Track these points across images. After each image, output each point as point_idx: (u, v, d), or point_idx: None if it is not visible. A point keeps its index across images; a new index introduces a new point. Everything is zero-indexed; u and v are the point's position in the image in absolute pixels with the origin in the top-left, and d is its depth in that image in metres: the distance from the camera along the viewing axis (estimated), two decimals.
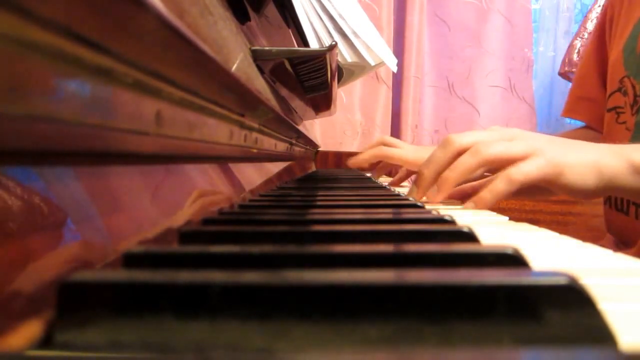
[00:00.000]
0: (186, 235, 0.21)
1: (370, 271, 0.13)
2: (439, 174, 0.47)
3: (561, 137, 0.52)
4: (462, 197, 0.52)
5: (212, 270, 0.13)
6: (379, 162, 0.88)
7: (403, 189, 0.70)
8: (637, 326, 0.14)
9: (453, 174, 0.46)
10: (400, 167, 0.83)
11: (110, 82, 0.16)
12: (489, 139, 0.46)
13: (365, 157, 0.80)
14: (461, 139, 0.46)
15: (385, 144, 0.82)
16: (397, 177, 0.83)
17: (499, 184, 0.44)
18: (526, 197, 0.53)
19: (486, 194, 0.45)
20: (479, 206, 0.45)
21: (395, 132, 1.66)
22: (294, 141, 0.70)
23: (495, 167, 0.46)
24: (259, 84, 0.35)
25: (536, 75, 1.84)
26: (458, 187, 0.51)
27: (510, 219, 0.38)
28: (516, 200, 1.41)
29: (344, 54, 0.70)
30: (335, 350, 0.11)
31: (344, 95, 1.58)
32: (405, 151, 0.78)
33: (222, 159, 0.34)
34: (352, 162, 0.83)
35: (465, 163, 0.45)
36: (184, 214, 0.23)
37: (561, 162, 0.45)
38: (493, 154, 0.45)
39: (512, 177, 0.44)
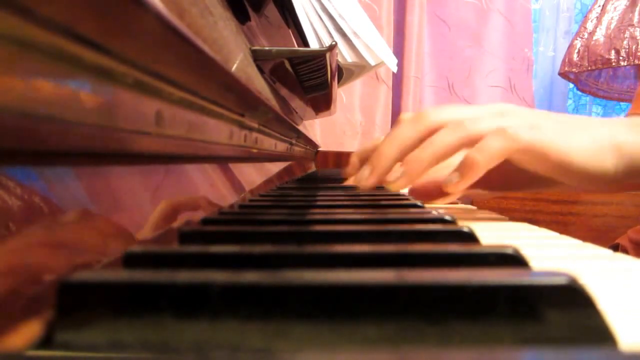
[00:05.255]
0: (186, 235, 0.21)
1: (370, 271, 0.13)
2: (404, 154, 0.37)
3: (562, 114, 0.43)
4: (431, 190, 0.42)
5: (212, 270, 0.13)
6: None
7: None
8: (637, 326, 0.14)
9: (425, 153, 0.35)
10: None
11: (111, 82, 0.16)
12: (475, 115, 0.37)
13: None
14: (438, 113, 0.37)
15: None
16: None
17: (493, 141, 0.34)
18: (527, 189, 0.44)
19: (476, 155, 0.35)
20: (466, 174, 0.35)
21: None
22: (294, 141, 0.70)
23: None
24: (259, 84, 0.35)
25: (536, 75, 1.84)
26: (428, 177, 0.40)
27: (510, 219, 0.38)
28: (516, 200, 1.41)
29: (344, 54, 0.70)
30: (335, 350, 0.11)
31: (344, 95, 1.58)
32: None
33: (222, 159, 0.34)
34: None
35: (443, 140, 0.35)
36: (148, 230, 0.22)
37: (568, 142, 0.36)
38: (481, 129, 0.35)
39: (508, 132, 0.34)
